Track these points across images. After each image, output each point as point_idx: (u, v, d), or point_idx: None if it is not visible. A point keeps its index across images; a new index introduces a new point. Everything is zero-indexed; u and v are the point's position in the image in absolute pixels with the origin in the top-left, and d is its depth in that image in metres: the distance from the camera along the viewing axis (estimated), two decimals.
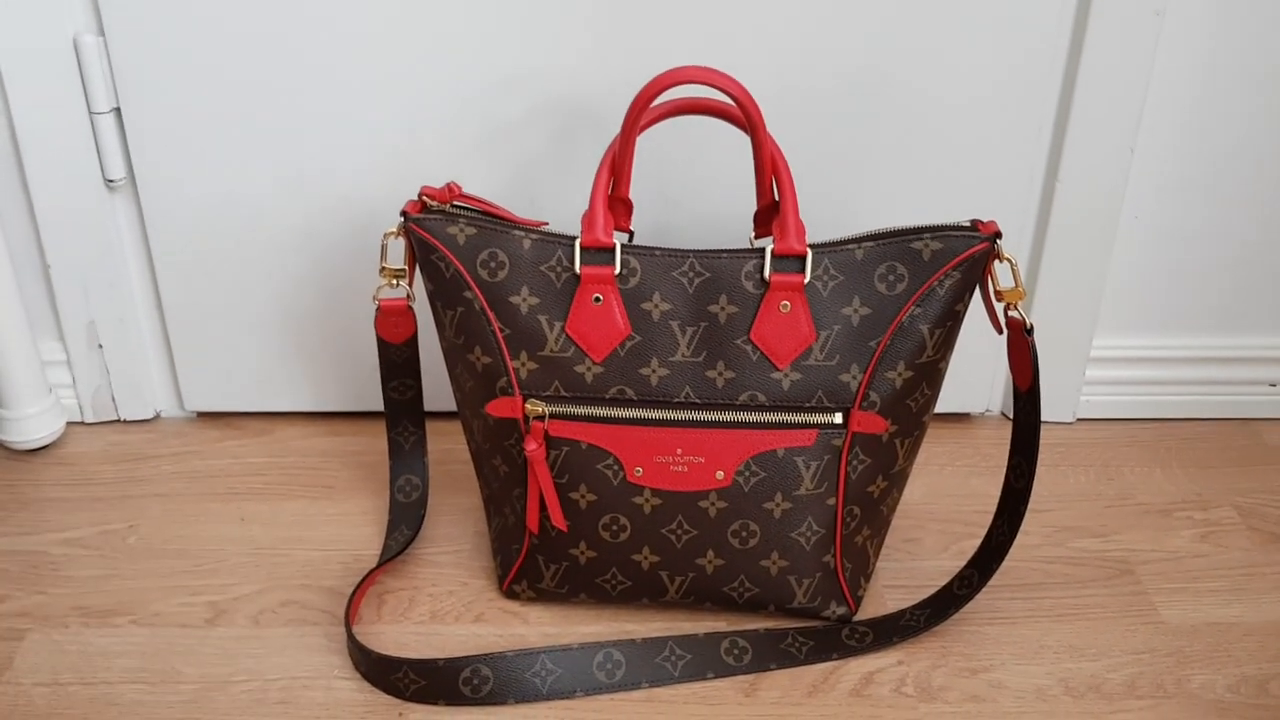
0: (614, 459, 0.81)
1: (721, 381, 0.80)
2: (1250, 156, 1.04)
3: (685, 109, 0.82)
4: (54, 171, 0.99)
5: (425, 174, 0.99)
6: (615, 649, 0.84)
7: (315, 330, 1.08)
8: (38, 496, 1.02)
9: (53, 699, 0.81)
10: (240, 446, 1.09)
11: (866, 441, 0.81)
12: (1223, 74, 1.00)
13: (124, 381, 1.09)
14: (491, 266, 0.79)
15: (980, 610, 0.89)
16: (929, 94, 0.97)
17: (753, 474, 0.80)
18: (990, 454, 1.08)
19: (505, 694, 0.81)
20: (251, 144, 0.98)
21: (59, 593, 0.91)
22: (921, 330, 0.79)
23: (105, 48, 0.94)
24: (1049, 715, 0.81)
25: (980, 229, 0.79)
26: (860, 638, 0.86)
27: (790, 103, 0.97)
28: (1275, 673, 0.85)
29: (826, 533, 0.83)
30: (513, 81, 0.96)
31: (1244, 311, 1.11)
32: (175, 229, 1.02)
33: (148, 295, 1.07)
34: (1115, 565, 0.95)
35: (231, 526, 0.98)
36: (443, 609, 0.89)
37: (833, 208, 1.01)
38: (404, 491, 0.96)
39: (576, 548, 0.84)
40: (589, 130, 0.98)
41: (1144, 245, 1.07)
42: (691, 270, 0.79)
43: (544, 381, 0.80)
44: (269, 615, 0.89)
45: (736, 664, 0.84)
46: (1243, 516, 1.01)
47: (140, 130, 0.98)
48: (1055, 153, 1.01)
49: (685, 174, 1.00)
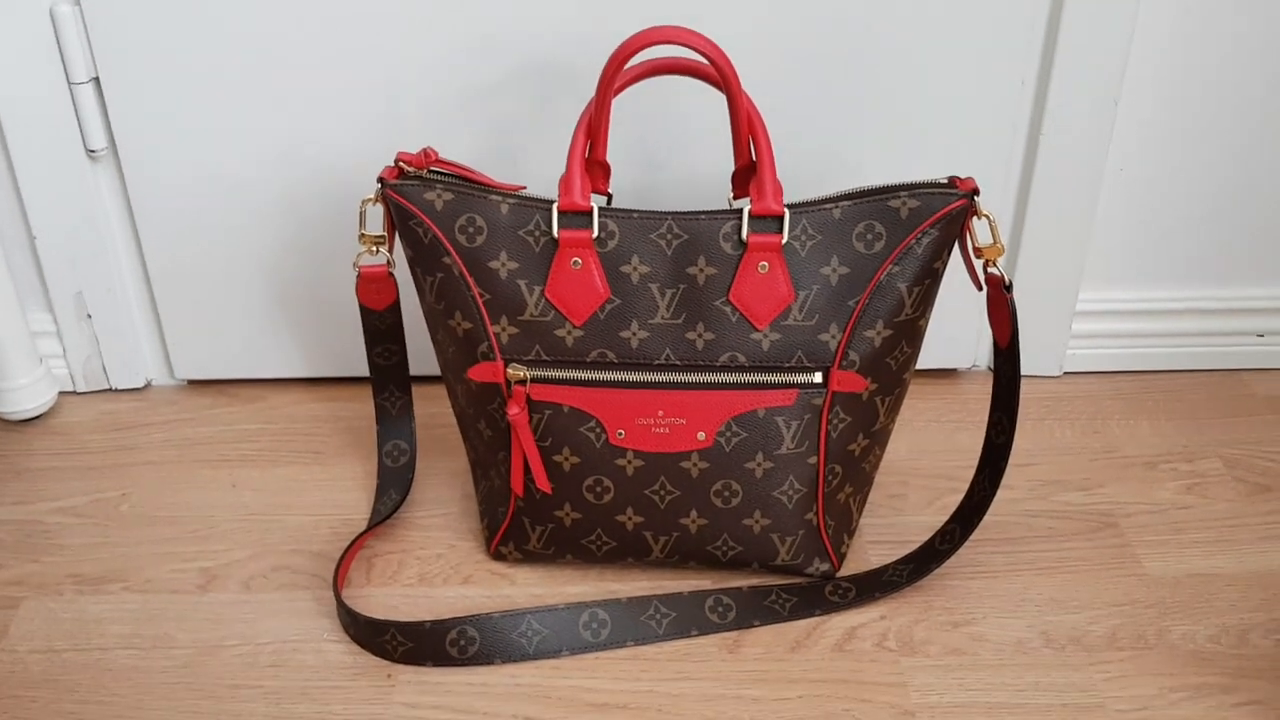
0: (596, 422, 0.81)
1: (701, 343, 0.80)
2: (1235, 107, 1.03)
3: (660, 69, 0.81)
4: (35, 143, 0.99)
5: (406, 139, 0.99)
6: (600, 608, 0.85)
7: (303, 296, 1.08)
8: (31, 466, 1.03)
9: (48, 665, 0.82)
10: (230, 413, 1.10)
11: (847, 400, 0.82)
12: (1206, 24, 0.99)
13: (114, 351, 1.10)
14: (470, 232, 0.79)
15: (963, 564, 0.90)
16: (911, 48, 0.97)
17: (734, 434, 0.81)
18: (976, 409, 1.09)
19: (492, 654, 0.82)
20: (232, 112, 0.98)
21: (53, 560, 0.92)
22: (900, 288, 0.79)
23: (82, 17, 0.94)
24: (1029, 668, 0.82)
25: (958, 185, 0.79)
26: (843, 594, 0.87)
27: (769, 59, 0.96)
28: (1256, 623, 0.85)
29: (808, 491, 0.84)
30: (491, 45, 0.96)
31: (1230, 262, 1.11)
32: (159, 198, 1.02)
33: (134, 265, 1.07)
34: (1099, 518, 0.96)
35: (223, 493, 0.99)
36: (431, 571, 0.90)
37: (814, 165, 1.01)
38: (391, 456, 0.97)
39: (561, 510, 0.85)
40: (568, 92, 0.97)
41: (1129, 198, 1.07)
42: (669, 232, 0.79)
43: (525, 346, 0.81)
44: (260, 580, 0.90)
45: (721, 621, 0.85)
46: (1229, 468, 1.02)
47: (120, 100, 0.98)
48: (1039, 105, 1.00)
49: (664, 134, 0.99)
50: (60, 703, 0.80)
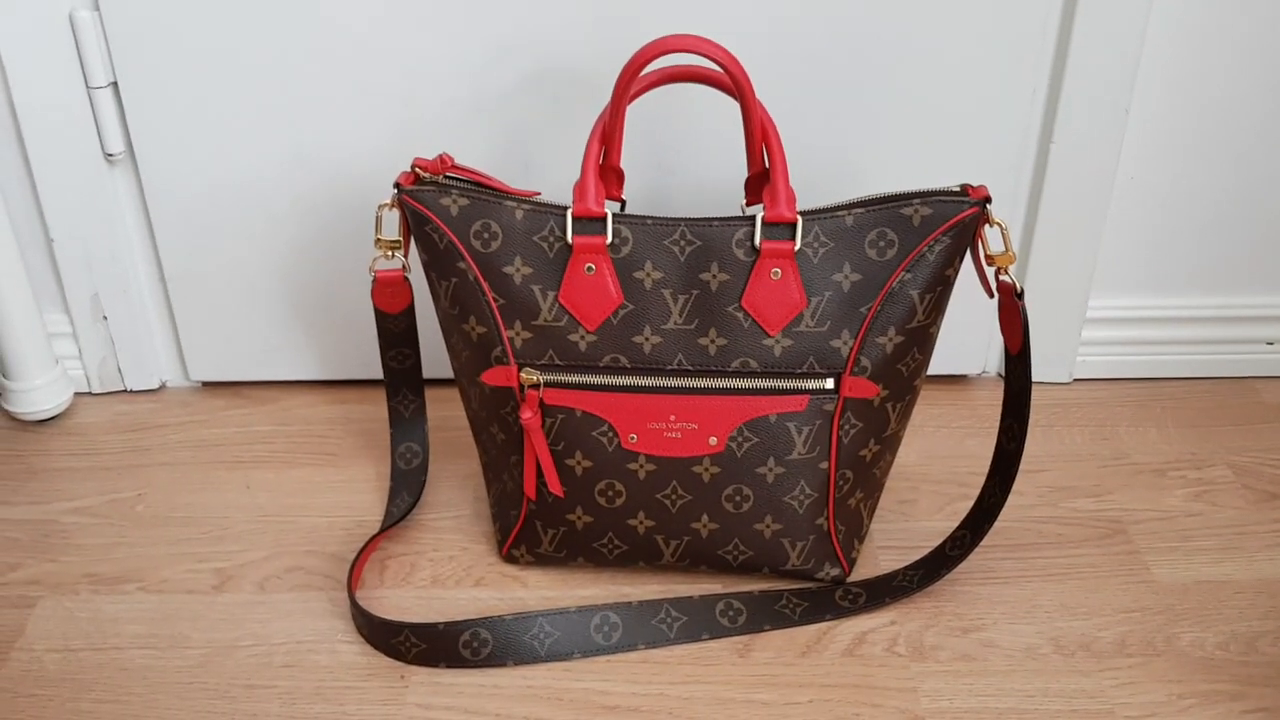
0: (608, 426, 0.82)
1: (714, 349, 0.80)
2: (1244, 116, 1.03)
3: (675, 77, 0.82)
4: (54, 146, 1.00)
5: (421, 144, 0.99)
6: (612, 611, 0.85)
7: (317, 299, 1.09)
8: (47, 466, 1.04)
9: (64, 664, 0.83)
10: (245, 415, 1.11)
11: (858, 406, 0.82)
12: (1216, 33, 0.99)
13: (129, 352, 1.11)
14: (485, 237, 0.80)
15: (973, 570, 0.90)
16: (923, 57, 0.97)
17: (745, 439, 0.82)
18: (986, 415, 1.09)
19: (505, 656, 0.83)
20: (249, 116, 0.99)
21: (69, 560, 0.93)
22: (912, 295, 0.80)
23: (100, 22, 0.95)
24: (1038, 674, 0.82)
25: (970, 194, 0.80)
26: (853, 599, 0.87)
27: (783, 65, 0.97)
28: (1264, 630, 0.86)
29: (819, 496, 0.84)
30: (507, 52, 0.96)
31: (1240, 270, 1.11)
32: (175, 201, 1.03)
33: (150, 267, 1.08)
34: (1108, 525, 0.96)
35: (237, 494, 1.00)
36: (443, 573, 0.91)
37: (826, 172, 1.01)
38: (405, 459, 0.98)
39: (573, 513, 0.86)
40: (583, 98, 0.98)
41: (1140, 206, 1.07)
42: (683, 239, 0.79)
43: (538, 350, 0.81)
44: (274, 581, 0.91)
45: (731, 625, 0.85)
46: (1237, 475, 1.02)
47: (138, 104, 0.98)
48: (1049, 115, 1.01)
49: (678, 140, 1.00)
50: (76, 701, 0.80)
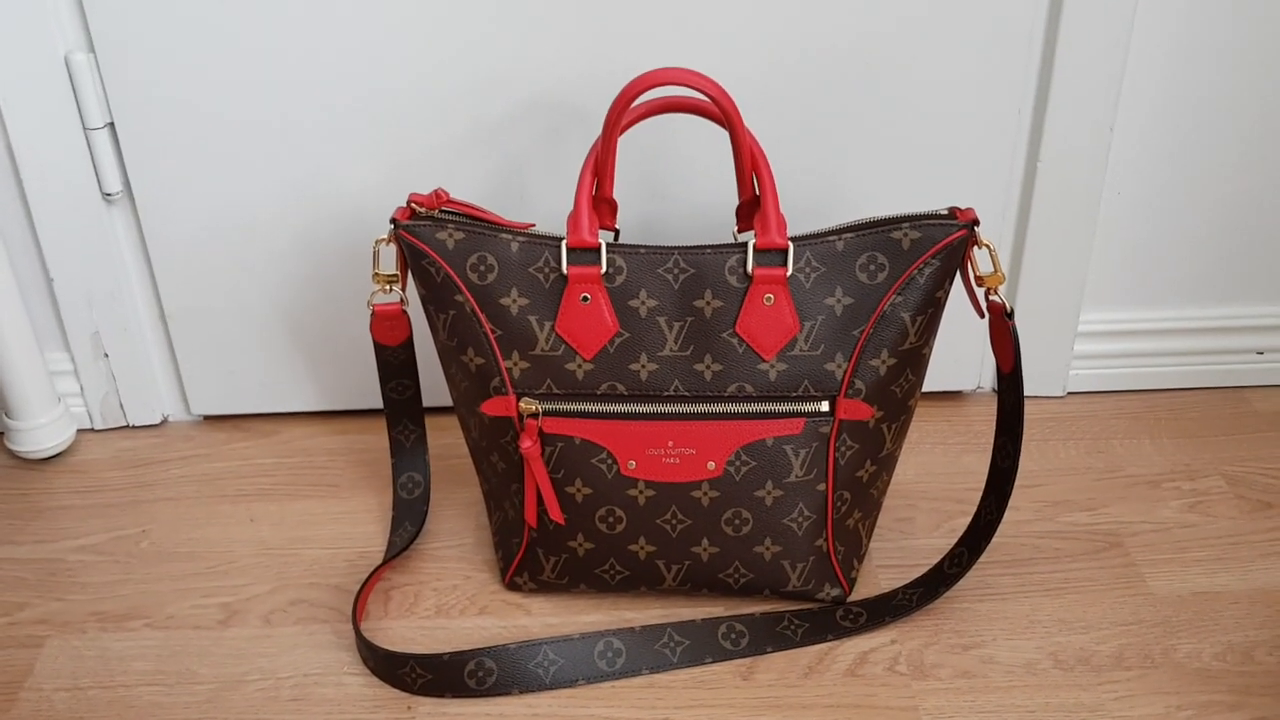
0: (607, 453, 0.83)
1: (710, 374, 0.81)
2: (1229, 129, 1.05)
3: (665, 108, 0.83)
4: (52, 187, 1.01)
5: (417, 178, 1.01)
6: (615, 637, 0.86)
7: (316, 331, 1.10)
8: (51, 504, 1.05)
9: (73, 703, 0.84)
10: (247, 448, 1.11)
11: (854, 428, 0.83)
12: (1199, 48, 1.01)
13: (131, 388, 1.12)
14: (481, 270, 0.81)
15: (971, 587, 0.91)
16: (908, 81, 0.98)
17: (743, 463, 0.82)
18: (981, 431, 1.10)
19: (510, 685, 0.83)
20: (245, 152, 1.00)
21: (76, 599, 0.93)
22: (903, 318, 0.81)
23: (96, 64, 0.96)
24: (1038, 689, 0.83)
25: (958, 216, 0.81)
26: (854, 618, 0.88)
27: (770, 95, 0.98)
28: (1261, 639, 0.87)
29: (818, 518, 0.85)
30: (500, 86, 0.98)
31: (1229, 281, 1.12)
32: (173, 239, 1.04)
33: (150, 304, 1.09)
34: (1104, 538, 0.97)
35: (241, 527, 1.01)
36: (447, 603, 0.92)
37: (814, 193, 1.02)
38: (406, 489, 0.98)
39: (575, 540, 0.87)
40: (576, 131, 0.99)
41: (1127, 220, 1.08)
42: (676, 267, 0.80)
43: (536, 380, 0.82)
44: (279, 614, 0.91)
45: (734, 648, 0.86)
46: (1231, 485, 1.03)
47: (135, 143, 1.00)
48: (1036, 133, 1.02)
49: (668, 168, 1.01)
50: None
